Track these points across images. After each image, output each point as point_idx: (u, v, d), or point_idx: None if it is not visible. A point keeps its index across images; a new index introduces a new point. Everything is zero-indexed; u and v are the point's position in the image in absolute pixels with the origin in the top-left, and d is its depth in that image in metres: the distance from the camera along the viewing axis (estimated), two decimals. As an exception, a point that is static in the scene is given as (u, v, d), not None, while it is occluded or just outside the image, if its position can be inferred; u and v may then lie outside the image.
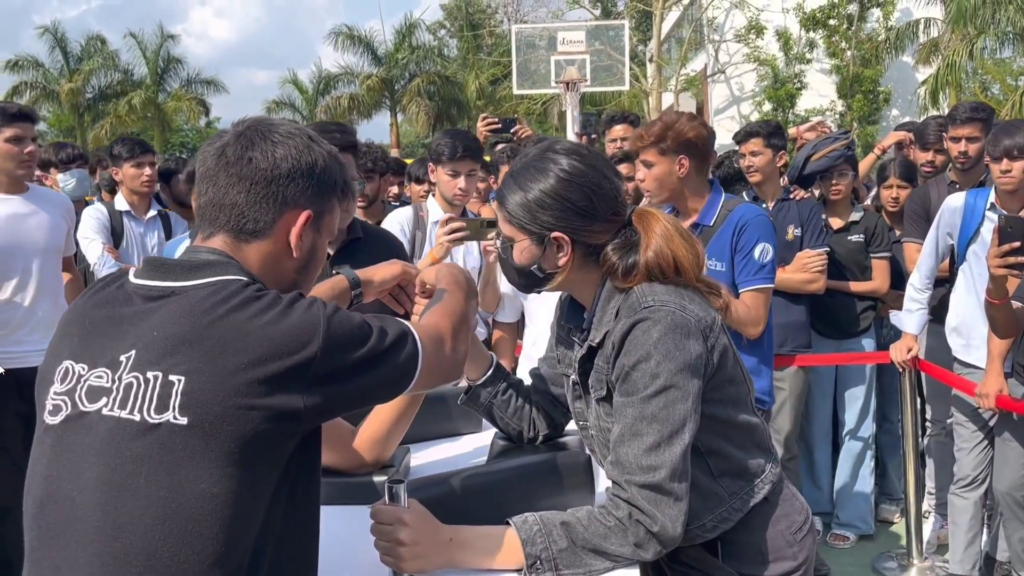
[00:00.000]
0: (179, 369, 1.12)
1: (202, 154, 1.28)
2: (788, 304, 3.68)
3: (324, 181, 1.29)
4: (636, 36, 23.03)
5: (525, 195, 1.54)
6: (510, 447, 1.87)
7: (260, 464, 1.14)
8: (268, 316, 1.15)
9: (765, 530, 1.59)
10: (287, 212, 1.26)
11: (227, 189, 1.24)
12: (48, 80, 27.38)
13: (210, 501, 1.11)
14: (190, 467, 1.11)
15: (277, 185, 1.24)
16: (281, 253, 1.28)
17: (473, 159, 3.18)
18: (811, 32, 19.67)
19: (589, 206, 1.53)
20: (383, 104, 27.33)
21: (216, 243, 1.26)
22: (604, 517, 1.44)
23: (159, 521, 1.10)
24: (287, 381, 1.13)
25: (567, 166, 1.53)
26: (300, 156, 1.26)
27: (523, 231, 1.55)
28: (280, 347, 1.13)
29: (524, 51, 15.60)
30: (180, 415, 1.11)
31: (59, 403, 1.18)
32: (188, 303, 1.17)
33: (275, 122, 1.30)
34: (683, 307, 1.47)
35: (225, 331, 1.13)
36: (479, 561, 1.43)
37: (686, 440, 1.44)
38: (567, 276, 1.57)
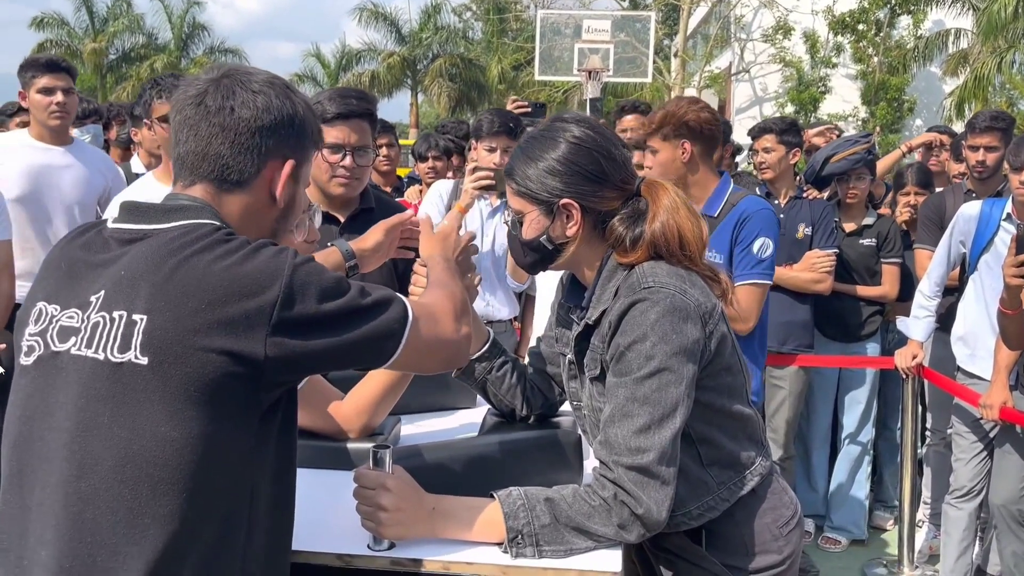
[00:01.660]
0: (142, 308, 1.12)
1: (177, 102, 1.26)
2: (792, 303, 3.65)
3: (303, 131, 1.29)
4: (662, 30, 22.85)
5: (535, 164, 1.53)
6: (501, 423, 1.85)
7: (223, 412, 1.12)
8: (232, 259, 1.14)
9: (751, 522, 1.58)
10: (269, 162, 1.25)
11: (210, 140, 1.22)
12: (72, 39, 27.45)
13: (170, 444, 1.10)
14: (149, 408, 1.10)
15: (261, 136, 1.23)
16: (263, 202, 1.27)
17: (509, 136, 3.22)
18: (839, 36, 19.49)
19: (599, 171, 1.52)
20: (404, 83, 27.28)
21: (196, 191, 1.25)
22: (589, 496, 1.42)
23: (120, 462, 1.10)
24: (247, 325, 1.11)
25: (578, 132, 1.53)
26: (282, 106, 1.25)
27: (533, 201, 1.54)
28: (241, 289, 1.12)
29: (549, 37, 15.50)
30: (141, 355, 1.10)
31: (32, 344, 1.19)
32: (156, 244, 1.17)
33: (251, 70, 1.29)
34: (684, 291, 1.46)
35: (188, 272, 1.13)
36: (461, 532, 1.42)
37: (677, 425, 1.43)
38: (576, 249, 1.55)
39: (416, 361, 1.30)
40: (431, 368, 1.36)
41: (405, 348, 1.24)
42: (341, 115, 2.32)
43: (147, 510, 1.10)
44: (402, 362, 1.26)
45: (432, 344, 1.29)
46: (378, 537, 1.41)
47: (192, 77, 1.30)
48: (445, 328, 1.32)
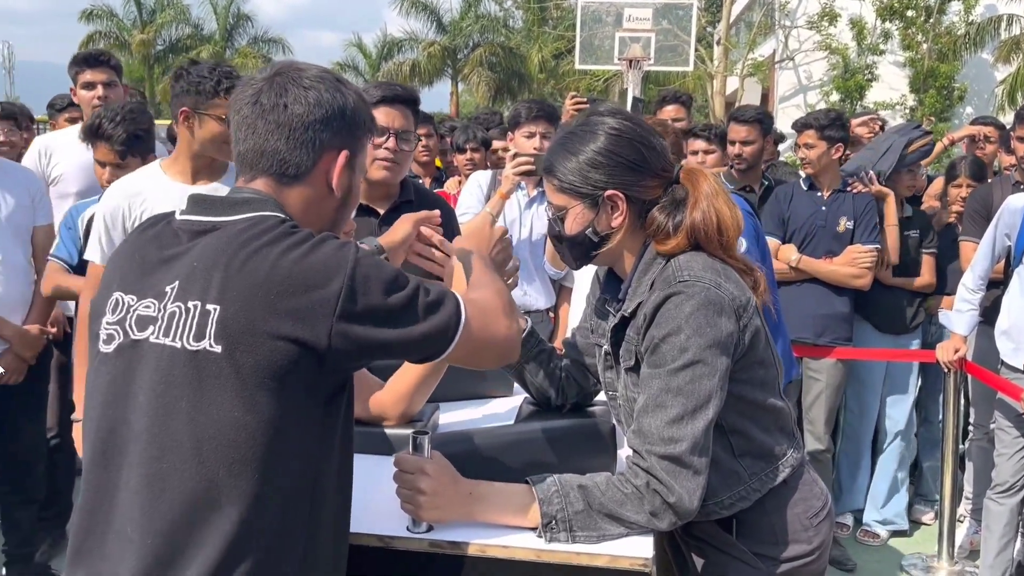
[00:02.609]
0: (214, 299, 1.18)
1: (235, 102, 1.32)
2: (831, 295, 3.64)
3: (355, 121, 1.34)
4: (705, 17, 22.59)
5: (576, 158, 1.55)
6: (538, 411, 1.90)
7: (291, 397, 1.18)
8: (298, 251, 1.19)
9: (781, 512, 1.60)
10: (325, 154, 1.31)
11: (267, 136, 1.28)
12: (121, 31, 27.98)
13: (243, 428, 1.16)
14: (223, 394, 1.16)
15: (314, 130, 1.28)
16: (322, 193, 1.32)
17: (548, 121, 3.28)
18: (887, 22, 19.06)
19: (640, 160, 1.55)
20: (445, 72, 27.33)
21: (259, 185, 1.31)
22: (622, 484, 1.46)
23: (197, 445, 1.17)
24: (312, 315, 1.17)
25: (615, 123, 1.56)
26: (333, 99, 1.30)
27: (576, 195, 1.57)
28: (306, 280, 1.17)
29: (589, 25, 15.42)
30: (215, 343, 1.17)
31: (112, 332, 1.25)
32: (226, 236, 1.23)
33: (302, 66, 1.33)
34: (718, 284, 1.48)
35: (257, 264, 1.18)
36: (496, 516, 1.47)
37: (710, 416, 1.45)
38: (621, 239, 1.58)
39: (469, 356, 1.33)
40: (484, 363, 1.39)
41: (459, 343, 1.29)
42: (386, 99, 2.39)
43: (223, 490, 1.16)
44: (456, 356, 1.31)
45: (485, 340, 1.33)
46: (417, 520, 1.46)
47: (248, 77, 1.36)
48: (497, 325, 1.36)
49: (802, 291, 3.61)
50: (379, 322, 1.21)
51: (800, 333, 3.60)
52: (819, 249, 3.65)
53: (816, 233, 3.67)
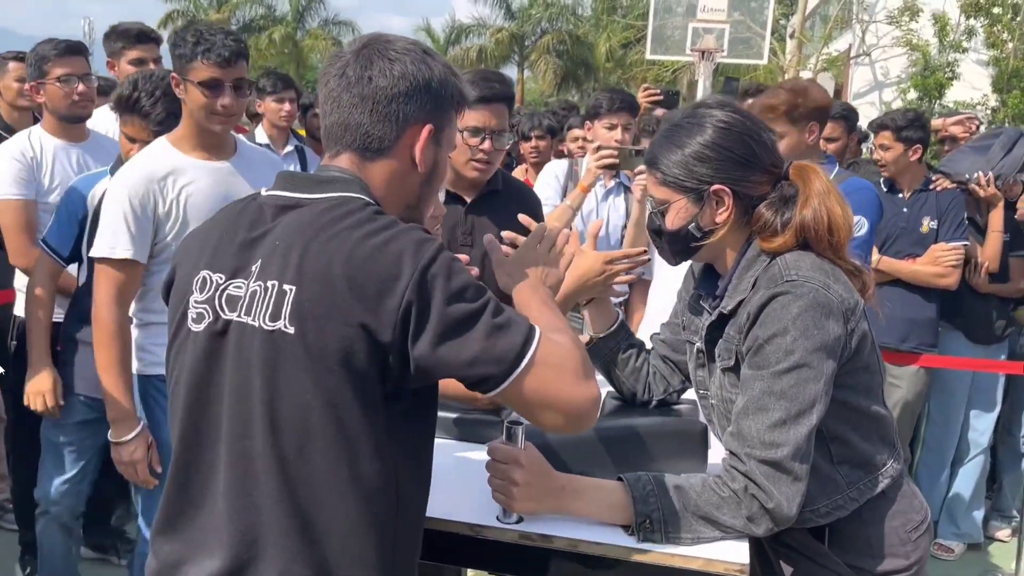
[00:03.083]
0: (291, 279, 1.17)
1: (324, 75, 1.30)
2: (917, 299, 3.53)
3: (442, 95, 1.30)
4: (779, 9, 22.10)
5: (682, 151, 1.52)
6: (622, 407, 1.87)
7: (363, 387, 1.16)
8: (379, 238, 1.17)
9: (879, 524, 1.55)
10: (409, 128, 1.28)
11: (351, 110, 1.27)
12: (198, 10, 28.55)
13: (311, 412, 1.16)
14: (295, 375, 1.16)
15: (398, 103, 1.26)
16: (406, 168, 1.30)
17: (630, 112, 3.25)
18: (971, 19, 18.40)
19: (749, 154, 1.51)
20: (511, 59, 27.31)
21: (343, 162, 1.29)
22: (719, 487, 1.43)
23: (270, 425, 1.17)
24: (381, 305, 1.14)
25: (724, 116, 1.52)
26: (418, 72, 1.27)
27: (680, 190, 1.53)
28: (381, 269, 1.15)
29: (661, 15, 15.20)
30: (289, 324, 1.16)
31: (201, 311, 1.25)
32: (309, 215, 1.22)
33: (391, 38, 1.30)
34: (827, 286, 1.43)
35: (336, 247, 1.17)
36: (589, 511, 1.45)
37: (813, 421, 1.41)
38: (724, 235, 1.53)
39: (529, 403, 1.20)
40: (545, 420, 1.22)
41: (518, 380, 1.17)
42: (484, 98, 2.33)
43: (294, 472, 1.17)
44: (513, 396, 1.19)
45: (554, 393, 1.19)
46: (508, 510, 1.45)
47: (339, 50, 1.34)
48: (573, 381, 1.20)
49: (885, 294, 3.50)
50: (432, 331, 1.14)
51: (883, 338, 3.48)
52: (902, 252, 3.55)
53: (898, 235, 3.56)
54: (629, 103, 3.30)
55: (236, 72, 2.26)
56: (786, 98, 2.66)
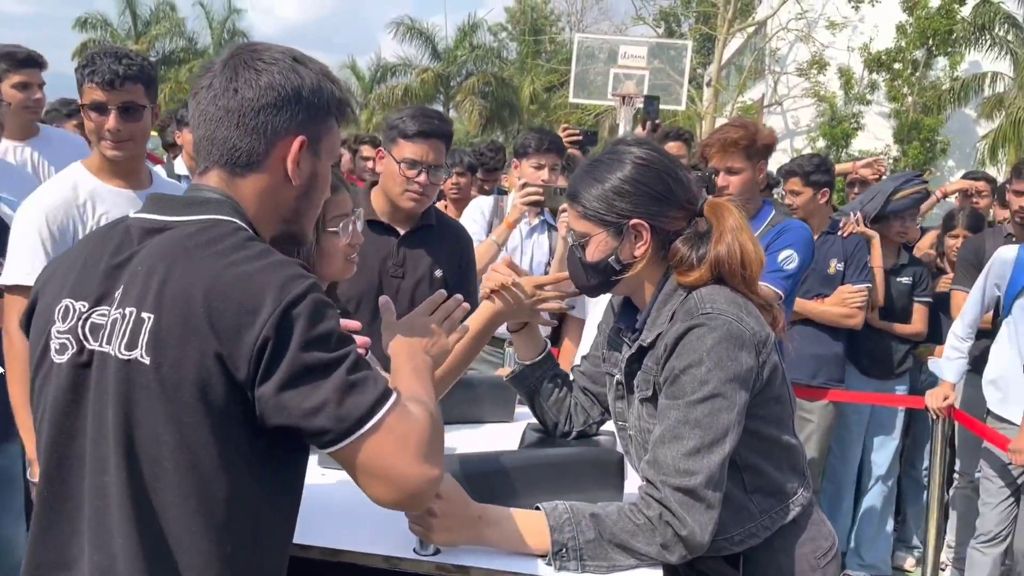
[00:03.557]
0: (151, 307, 1.11)
1: (193, 89, 1.25)
2: (824, 337, 3.66)
3: (315, 103, 1.23)
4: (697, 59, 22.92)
5: (602, 186, 1.55)
6: (542, 439, 1.88)
7: (220, 423, 1.11)
8: (245, 267, 1.11)
9: (790, 551, 1.59)
10: (280, 141, 1.21)
11: (216, 124, 1.21)
12: (115, 40, 27.91)
13: (163, 446, 1.11)
14: (147, 408, 1.11)
15: (265, 115, 1.20)
16: (279, 182, 1.23)
17: (557, 153, 3.30)
18: (874, 74, 19.45)
19: (666, 190, 1.55)
20: (436, 99, 27.49)
21: (212, 179, 1.23)
22: (634, 514, 1.45)
23: (123, 459, 1.12)
24: (239, 339, 1.08)
25: (642, 153, 1.56)
26: (286, 81, 1.20)
27: (600, 224, 1.56)
28: (243, 300, 1.09)
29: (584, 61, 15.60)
30: (145, 354, 1.10)
31: (64, 341, 1.18)
32: (174, 238, 1.16)
33: (260, 47, 1.25)
34: (740, 319, 1.48)
35: (200, 273, 1.11)
36: (506, 541, 1.45)
37: (726, 450, 1.45)
38: (643, 268, 1.57)
39: (360, 468, 1.13)
40: (373, 492, 1.15)
41: (354, 446, 1.11)
42: (422, 133, 2.38)
43: (146, 508, 1.12)
44: (346, 458, 1.13)
45: (388, 467, 1.13)
46: (425, 542, 1.44)
47: (208, 62, 1.28)
48: (406, 458, 1.13)
49: (795, 332, 3.63)
50: (281, 373, 1.08)
51: (794, 374, 3.60)
52: (811, 292, 3.69)
53: (808, 276, 3.69)
54: (557, 144, 3.35)
55: (124, 95, 2.20)
56: (745, 134, 2.73)
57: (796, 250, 2.70)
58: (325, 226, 1.82)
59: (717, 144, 2.72)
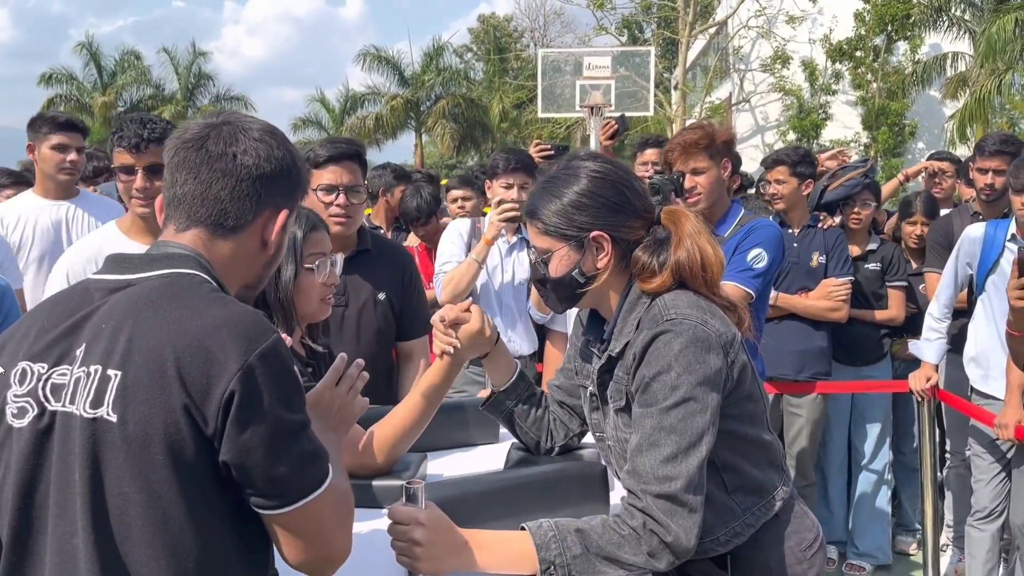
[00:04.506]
0: (117, 364, 1.11)
1: (175, 144, 1.26)
2: (809, 331, 3.69)
3: (298, 182, 1.31)
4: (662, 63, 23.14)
5: (560, 200, 1.58)
6: (527, 457, 1.89)
7: (186, 477, 1.10)
8: (211, 318, 1.12)
9: (776, 546, 1.61)
10: (265, 210, 1.26)
11: (210, 183, 1.22)
12: (82, 93, 27.88)
13: (130, 504, 1.10)
14: (114, 466, 1.10)
15: (261, 184, 1.24)
16: (254, 249, 1.28)
17: (527, 173, 3.32)
18: (837, 63, 19.69)
19: (623, 201, 1.58)
20: (408, 125, 27.58)
21: (188, 238, 1.24)
22: (618, 526, 1.45)
23: (91, 520, 1.11)
24: (207, 391, 1.08)
25: (596, 167, 1.59)
26: (282, 156, 1.27)
27: (561, 238, 1.59)
28: (209, 351, 1.09)
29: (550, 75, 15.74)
30: (112, 411, 1.10)
31: (23, 405, 1.17)
32: (138, 295, 1.16)
33: (249, 119, 1.30)
34: (705, 322, 1.50)
35: (166, 327, 1.11)
36: (494, 564, 1.45)
37: (703, 453, 1.46)
38: (606, 280, 1.59)
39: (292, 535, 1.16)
40: (294, 556, 1.18)
41: (299, 514, 1.14)
42: (332, 157, 2.46)
43: (120, 566, 1.11)
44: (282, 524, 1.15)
45: (321, 535, 1.17)
46: (414, 572, 1.44)
47: (189, 122, 1.30)
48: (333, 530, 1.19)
49: (781, 328, 3.66)
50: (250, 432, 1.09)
51: (781, 370, 3.65)
52: (794, 285, 3.71)
53: (790, 270, 3.73)
54: (525, 163, 3.36)
55: (149, 157, 2.39)
56: (703, 134, 2.74)
57: (765, 248, 2.72)
58: (303, 262, 1.84)
59: (678, 148, 2.74)
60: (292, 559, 1.18)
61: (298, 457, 1.13)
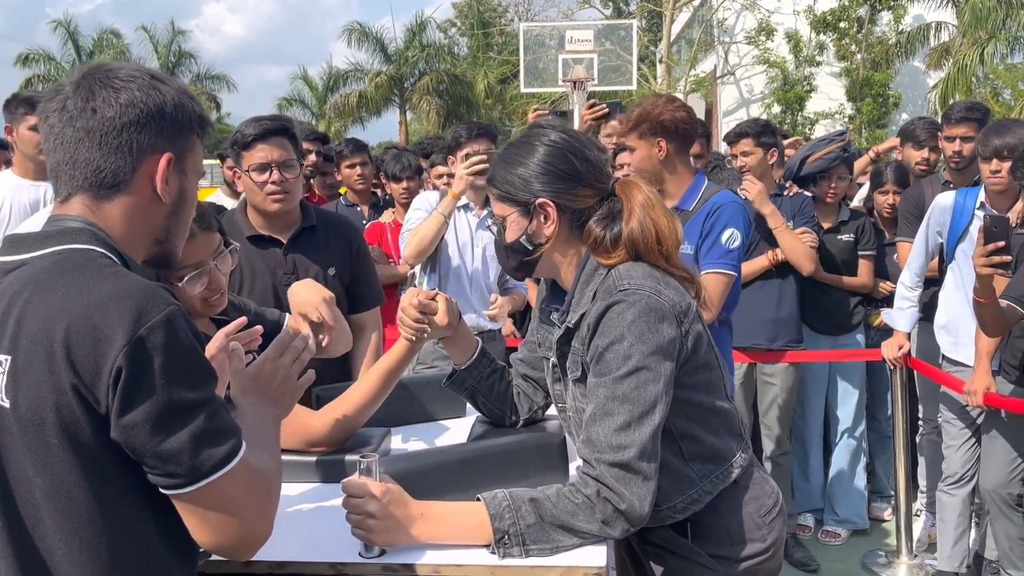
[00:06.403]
0: (7, 348, 1.08)
1: (43, 112, 1.20)
2: (780, 300, 3.70)
3: (178, 120, 1.20)
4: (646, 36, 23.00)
5: (513, 168, 1.60)
6: (490, 430, 1.90)
7: (87, 458, 1.08)
8: (97, 291, 1.07)
9: (735, 512, 1.62)
10: (146, 159, 1.18)
11: (76, 145, 1.15)
12: (60, 74, 27.52)
13: (35, 489, 1.08)
14: (16, 452, 1.08)
15: (129, 133, 1.16)
16: (148, 202, 1.20)
17: (489, 139, 3.32)
18: (821, 35, 19.62)
19: (572, 170, 1.58)
20: (392, 101, 27.39)
21: (74, 207, 1.18)
22: (573, 494, 1.46)
23: (2, 506, 1.10)
24: (96, 369, 1.04)
25: (553, 136, 1.60)
26: (148, 98, 1.17)
27: (511, 203, 1.61)
28: (96, 327, 1.05)
29: (533, 49, 15.63)
30: (5, 397, 1.07)
31: None
32: (27, 275, 1.12)
33: (113, 66, 1.20)
34: (658, 291, 1.50)
35: (50, 305, 1.07)
36: (449, 535, 1.46)
37: (656, 421, 1.47)
38: (553, 249, 1.60)
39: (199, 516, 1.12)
40: (204, 539, 1.14)
41: (199, 494, 1.10)
42: (260, 135, 2.42)
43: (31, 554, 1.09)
44: (185, 505, 1.11)
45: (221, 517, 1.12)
46: (369, 544, 1.45)
47: (57, 85, 1.22)
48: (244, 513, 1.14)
49: (750, 297, 3.67)
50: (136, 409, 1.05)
51: (754, 339, 3.66)
52: (763, 248, 3.72)
53: (759, 241, 3.73)
54: (487, 131, 3.37)
55: None
56: (635, 114, 2.76)
57: (736, 227, 2.75)
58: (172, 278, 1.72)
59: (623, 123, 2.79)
60: (201, 541, 1.14)
61: (193, 435, 1.07)
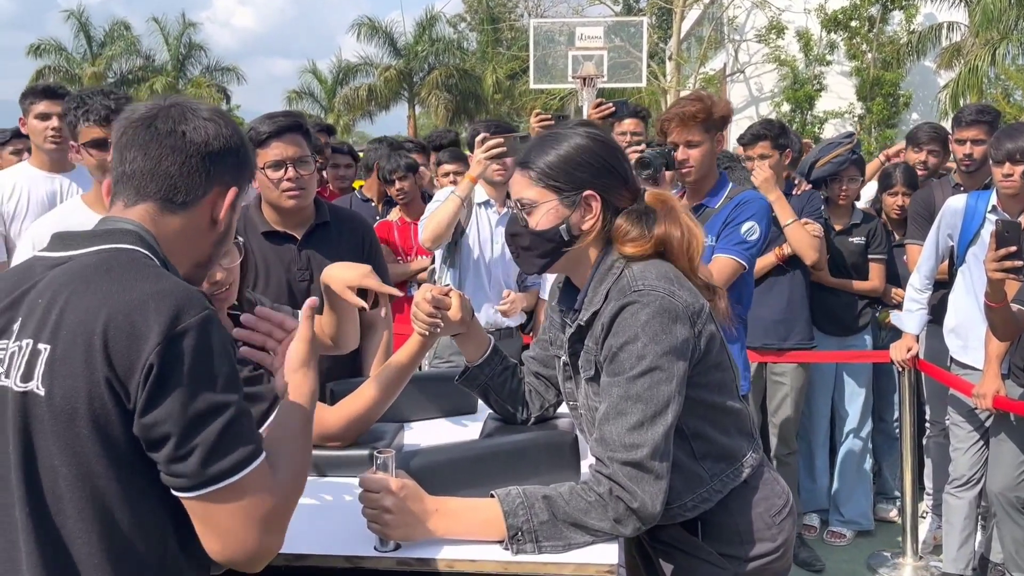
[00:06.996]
0: (48, 338, 1.12)
1: (124, 123, 1.28)
2: (792, 300, 3.71)
3: (246, 162, 1.33)
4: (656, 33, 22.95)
5: (558, 153, 1.58)
6: (502, 427, 1.92)
7: (114, 451, 1.11)
8: (137, 290, 1.12)
9: (746, 512, 1.64)
10: (215, 187, 1.28)
11: (160, 159, 1.24)
12: (71, 64, 27.62)
13: (60, 477, 1.12)
14: (45, 440, 1.12)
15: (210, 161, 1.26)
16: (203, 226, 1.28)
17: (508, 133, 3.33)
18: (832, 33, 19.55)
19: (619, 166, 1.60)
20: (401, 96, 27.41)
21: (136, 212, 1.25)
22: (585, 492, 1.48)
23: (27, 493, 1.12)
24: (130, 365, 1.08)
25: (595, 131, 1.62)
26: (230, 135, 1.29)
27: (555, 190, 1.58)
28: (134, 324, 1.09)
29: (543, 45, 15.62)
30: (41, 385, 1.11)
31: None
32: (72, 269, 1.17)
33: (197, 103, 1.32)
34: (672, 293, 1.51)
35: (92, 300, 1.12)
36: (463, 531, 1.48)
37: (669, 421, 1.48)
38: (587, 244, 1.60)
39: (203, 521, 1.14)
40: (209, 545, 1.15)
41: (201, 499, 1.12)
42: (274, 133, 2.43)
43: (52, 540, 1.12)
44: (192, 507, 1.13)
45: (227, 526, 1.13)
46: (384, 539, 1.47)
47: (137, 104, 1.33)
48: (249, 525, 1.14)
49: (764, 298, 3.67)
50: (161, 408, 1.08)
51: (765, 339, 3.68)
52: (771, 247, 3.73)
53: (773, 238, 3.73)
54: (505, 127, 3.43)
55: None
56: (702, 107, 2.68)
57: (757, 222, 2.73)
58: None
59: (676, 118, 2.71)
60: (208, 549, 1.15)
61: (207, 440, 1.10)
